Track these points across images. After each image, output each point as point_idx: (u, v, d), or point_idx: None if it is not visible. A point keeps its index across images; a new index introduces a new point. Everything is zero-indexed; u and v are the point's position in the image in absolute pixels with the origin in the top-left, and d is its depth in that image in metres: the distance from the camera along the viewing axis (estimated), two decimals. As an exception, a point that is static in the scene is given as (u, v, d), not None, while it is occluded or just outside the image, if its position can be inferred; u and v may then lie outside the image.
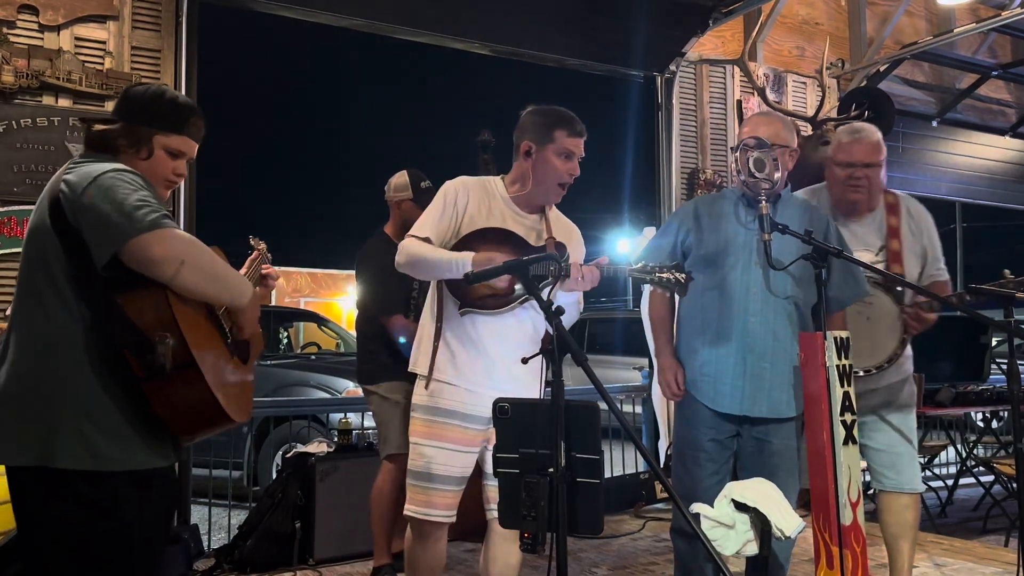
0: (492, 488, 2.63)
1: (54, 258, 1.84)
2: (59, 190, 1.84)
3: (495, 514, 2.61)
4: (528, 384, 2.60)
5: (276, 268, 2.43)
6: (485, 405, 2.54)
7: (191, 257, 1.82)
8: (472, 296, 2.57)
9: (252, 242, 2.42)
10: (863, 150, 3.05)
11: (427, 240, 2.57)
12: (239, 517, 4.53)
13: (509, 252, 2.55)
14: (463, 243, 2.59)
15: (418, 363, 2.68)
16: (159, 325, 1.79)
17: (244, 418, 1.97)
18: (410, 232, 2.62)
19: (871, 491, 3.26)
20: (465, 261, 2.47)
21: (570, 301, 2.64)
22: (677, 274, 2.47)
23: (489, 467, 2.63)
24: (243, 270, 2.27)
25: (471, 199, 2.63)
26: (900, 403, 3.12)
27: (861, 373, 2.95)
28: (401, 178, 3.86)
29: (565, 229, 2.77)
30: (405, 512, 2.66)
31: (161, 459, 1.90)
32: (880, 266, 3.01)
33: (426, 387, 2.63)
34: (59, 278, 1.83)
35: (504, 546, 2.66)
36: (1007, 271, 2.91)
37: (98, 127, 1.99)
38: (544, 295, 2.48)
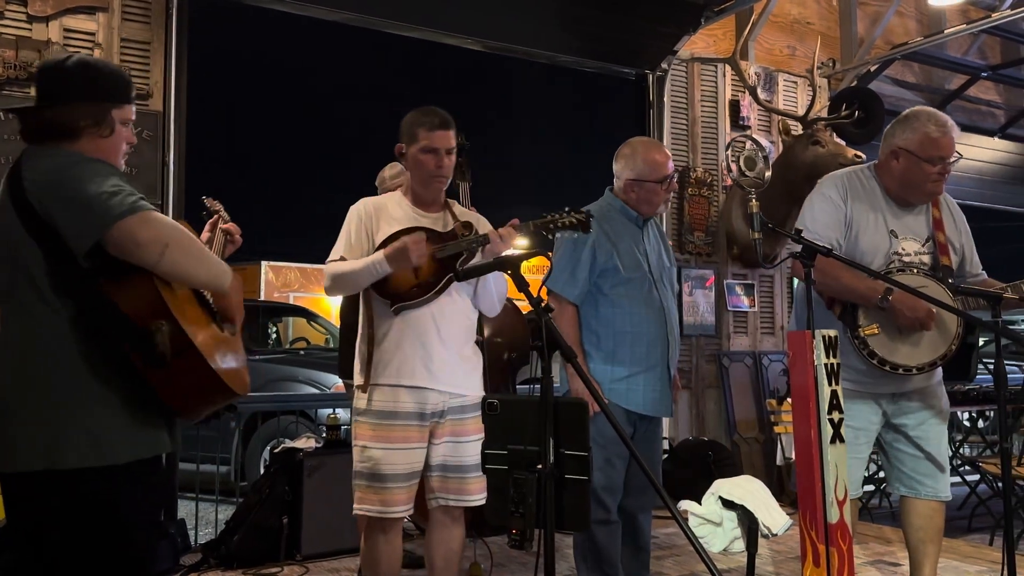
0: (435, 479, 2.76)
1: (29, 257, 1.79)
2: (23, 188, 1.78)
3: (436, 503, 2.77)
4: (468, 372, 2.77)
5: (273, 263, 2.45)
6: (426, 401, 2.69)
7: (175, 239, 1.79)
8: (400, 292, 2.68)
9: (208, 203, 2.39)
10: (952, 143, 2.90)
11: (342, 259, 2.73)
12: (226, 512, 4.52)
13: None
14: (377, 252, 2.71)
15: (355, 372, 2.80)
16: (151, 313, 1.76)
17: (245, 390, 1.96)
18: (327, 260, 2.77)
19: (892, 495, 3.20)
20: (379, 259, 2.63)
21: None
22: (576, 215, 2.68)
23: (433, 459, 2.74)
24: (205, 233, 2.26)
25: (375, 215, 2.78)
26: (943, 408, 3.04)
27: (914, 371, 2.85)
28: (393, 168, 3.89)
29: (471, 217, 2.92)
30: (358, 511, 2.71)
31: (162, 446, 1.89)
32: (927, 257, 2.94)
33: (364, 392, 2.71)
34: (37, 277, 1.79)
35: (445, 532, 2.79)
36: None
37: (50, 112, 1.87)
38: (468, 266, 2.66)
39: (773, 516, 3.41)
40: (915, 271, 2.87)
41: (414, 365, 2.67)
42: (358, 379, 2.76)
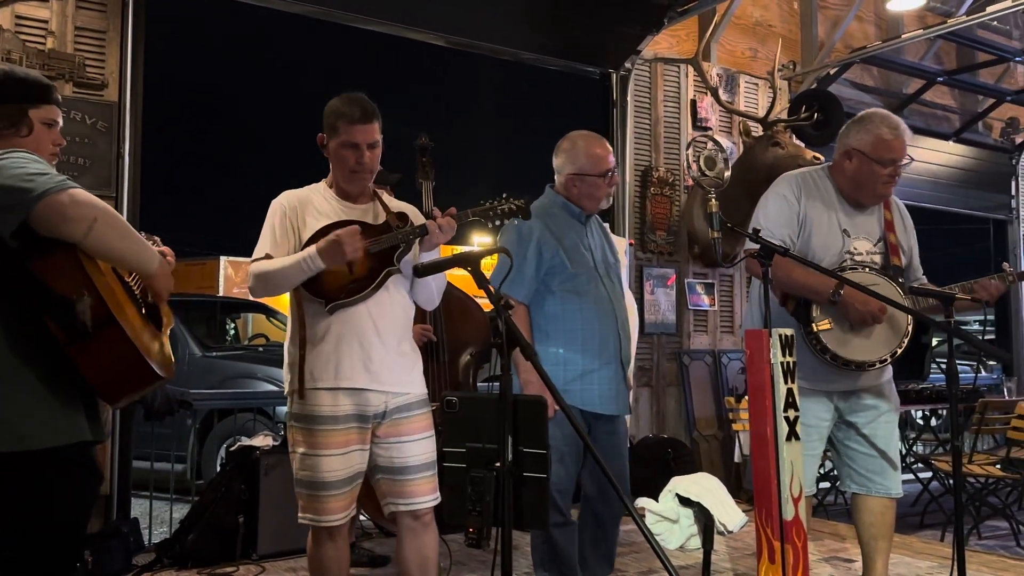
0: (383, 482, 2.64)
1: None
2: None
3: (395, 508, 2.64)
4: (408, 369, 2.66)
5: (232, 258, 2.42)
6: (367, 403, 2.57)
7: (102, 215, 1.82)
8: (335, 289, 2.56)
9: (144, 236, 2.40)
10: (904, 146, 2.92)
11: (267, 257, 2.58)
12: (181, 511, 4.45)
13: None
14: (306, 247, 2.58)
15: (287, 378, 2.67)
16: (75, 286, 1.80)
17: (169, 374, 1.98)
18: (250, 259, 2.63)
19: (846, 492, 3.24)
20: (310, 254, 2.47)
21: (435, 255, 2.69)
22: (516, 202, 2.63)
23: (379, 461, 2.62)
24: None
25: (299, 209, 2.65)
26: (893, 406, 3.08)
27: (866, 367, 2.89)
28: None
29: (402, 207, 2.80)
30: (301, 521, 2.62)
31: (82, 432, 1.89)
32: (878, 256, 3.00)
33: (300, 397, 2.58)
34: None
35: (417, 539, 2.66)
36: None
37: None
38: (409, 258, 2.61)
39: (729, 513, 3.45)
40: (866, 270, 2.92)
41: (353, 366, 2.55)
42: (291, 384, 2.62)
